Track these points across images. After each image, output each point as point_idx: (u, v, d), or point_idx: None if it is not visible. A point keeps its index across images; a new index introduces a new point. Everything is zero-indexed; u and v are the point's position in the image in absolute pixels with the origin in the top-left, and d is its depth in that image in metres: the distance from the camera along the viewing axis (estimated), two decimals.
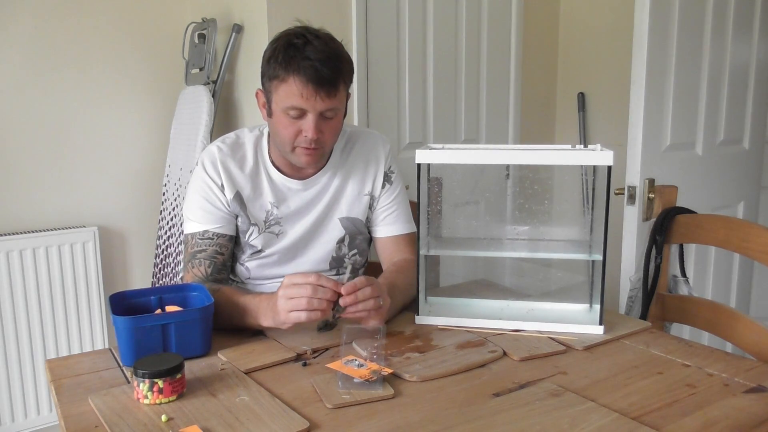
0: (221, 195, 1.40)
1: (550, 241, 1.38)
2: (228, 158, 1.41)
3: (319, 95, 1.26)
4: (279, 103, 1.30)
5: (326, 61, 1.25)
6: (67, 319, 2.29)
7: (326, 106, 1.28)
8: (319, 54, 1.24)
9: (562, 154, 1.23)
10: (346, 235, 1.48)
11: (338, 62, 1.28)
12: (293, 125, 1.30)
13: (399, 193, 1.52)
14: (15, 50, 2.21)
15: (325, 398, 0.96)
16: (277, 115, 1.31)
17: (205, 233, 1.39)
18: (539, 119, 2.92)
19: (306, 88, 1.25)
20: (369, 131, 1.55)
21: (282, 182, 1.43)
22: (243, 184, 1.41)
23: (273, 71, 1.28)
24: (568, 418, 0.90)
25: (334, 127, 1.34)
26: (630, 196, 1.92)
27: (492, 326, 1.25)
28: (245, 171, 1.42)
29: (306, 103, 1.26)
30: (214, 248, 1.40)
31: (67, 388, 1.02)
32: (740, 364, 1.09)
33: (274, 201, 1.43)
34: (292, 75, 1.25)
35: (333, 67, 1.26)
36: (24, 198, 2.27)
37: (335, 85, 1.27)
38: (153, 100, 2.46)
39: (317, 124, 1.29)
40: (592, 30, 2.80)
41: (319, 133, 1.30)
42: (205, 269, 1.38)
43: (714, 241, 1.48)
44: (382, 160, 1.50)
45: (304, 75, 1.24)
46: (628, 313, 1.65)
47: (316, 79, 1.24)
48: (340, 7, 2.13)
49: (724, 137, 2.21)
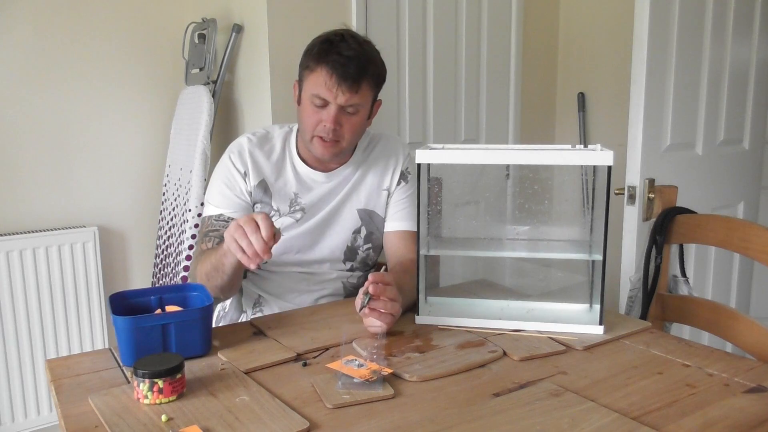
0: (242, 182, 1.47)
1: (550, 241, 1.38)
2: (256, 148, 1.49)
3: (341, 88, 1.35)
4: (307, 90, 1.40)
5: (354, 59, 1.35)
6: (67, 319, 2.29)
7: (347, 100, 1.36)
8: (350, 51, 1.35)
9: (562, 154, 1.23)
10: (363, 227, 1.53)
11: (366, 62, 1.37)
12: (316, 114, 1.39)
13: (413, 193, 1.56)
14: (15, 50, 2.21)
15: (325, 398, 0.96)
16: (304, 102, 1.41)
17: (220, 216, 1.47)
18: (539, 119, 2.92)
19: (330, 79, 1.34)
20: (392, 135, 1.66)
21: (306, 173, 1.50)
22: (268, 172, 1.49)
23: (306, 62, 1.40)
24: (568, 418, 0.90)
25: (355, 123, 1.41)
26: (630, 196, 1.92)
27: (492, 326, 1.25)
28: (272, 160, 1.50)
29: (328, 93, 1.35)
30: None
31: (67, 388, 1.02)
32: (740, 364, 1.09)
33: (297, 190, 1.50)
34: (321, 66, 1.35)
35: (359, 66, 1.35)
36: (24, 198, 2.27)
37: (358, 82, 1.36)
38: (153, 100, 2.46)
39: (336, 116, 1.37)
40: (592, 30, 2.80)
41: (338, 125, 1.38)
42: (213, 245, 1.42)
43: (714, 241, 1.48)
44: (401, 159, 1.58)
45: (331, 67, 1.34)
46: (628, 313, 1.65)
47: (340, 73, 1.34)
48: (340, 7, 2.13)
49: (724, 137, 2.21)
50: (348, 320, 1.31)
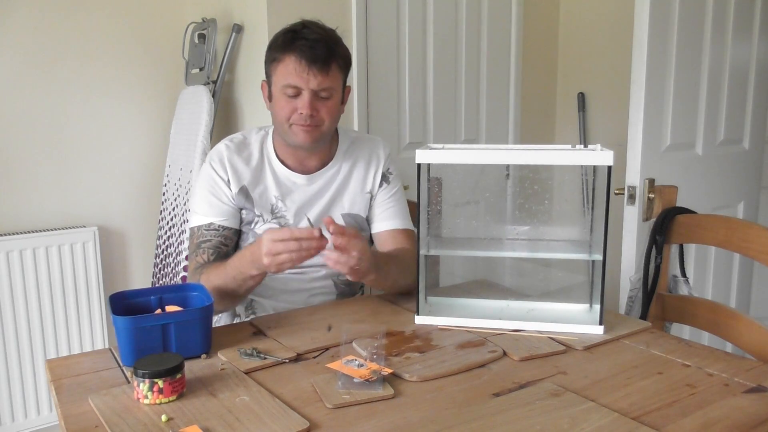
0: (227, 189, 1.45)
1: (550, 241, 1.38)
2: (234, 155, 1.47)
3: (311, 71, 1.33)
4: (277, 83, 1.38)
5: (320, 41, 1.34)
6: (67, 319, 2.29)
7: (319, 84, 1.35)
8: (314, 35, 1.34)
9: (562, 154, 1.23)
10: None
11: (332, 44, 1.36)
12: (290, 104, 1.37)
13: (396, 192, 1.57)
14: (15, 49, 2.21)
15: (325, 398, 0.96)
16: (276, 96, 1.39)
17: (210, 225, 1.45)
18: (539, 119, 2.92)
19: (299, 65, 1.33)
20: (372, 136, 1.64)
21: (286, 176, 1.48)
22: (248, 178, 1.47)
23: (272, 54, 1.39)
24: (568, 418, 0.90)
25: (330, 107, 1.40)
26: (630, 196, 1.91)
27: (492, 326, 1.25)
28: (251, 166, 1.48)
29: (300, 80, 1.34)
30: (218, 239, 1.44)
31: (67, 388, 1.02)
32: (740, 364, 1.09)
33: (278, 194, 1.48)
34: (287, 54, 1.35)
35: (326, 47, 1.34)
36: (24, 198, 2.27)
37: (328, 63, 1.35)
38: (153, 100, 2.46)
39: (312, 102, 1.36)
40: (592, 30, 2.80)
41: (314, 111, 1.37)
42: (208, 257, 1.43)
43: (714, 241, 1.48)
44: (382, 160, 1.56)
45: (299, 53, 1.33)
46: (628, 313, 1.65)
47: (309, 57, 1.33)
48: (340, 7, 2.13)
49: (724, 137, 2.21)
50: (348, 320, 1.31)
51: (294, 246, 1.19)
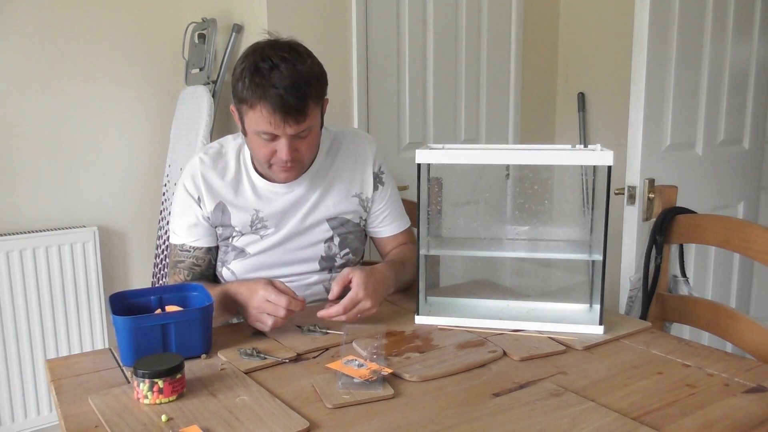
0: (198, 209, 1.42)
1: (550, 241, 1.38)
2: (209, 169, 1.42)
3: (287, 122, 1.24)
4: (250, 126, 1.29)
5: (292, 88, 1.22)
6: (67, 319, 2.29)
7: (297, 130, 1.27)
8: (285, 81, 1.22)
9: (562, 154, 1.23)
10: (335, 236, 1.48)
11: (305, 87, 1.24)
12: (267, 146, 1.30)
13: (392, 193, 1.54)
14: (15, 50, 2.21)
15: (325, 398, 0.96)
16: (251, 136, 1.31)
17: (183, 246, 1.45)
18: (539, 119, 2.92)
19: (273, 117, 1.23)
20: (355, 131, 1.55)
21: (265, 187, 1.43)
22: (224, 193, 1.42)
23: (241, 94, 1.26)
24: (568, 418, 0.90)
25: (310, 143, 1.33)
26: (630, 196, 1.91)
27: (492, 326, 1.25)
28: (226, 179, 1.42)
29: (276, 129, 1.26)
30: (191, 260, 1.45)
31: (67, 388, 1.02)
32: (740, 364, 1.09)
33: (258, 206, 1.43)
34: (259, 103, 1.23)
35: (299, 94, 1.23)
36: (24, 198, 2.27)
37: (303, 111, 1.25)
38: (153, 100, 2.46)
39: (290, 146, 1.28)
40: (592, 30, 2.80)
41: (294, 152, 1.30)
42: (184, 278, 1.44)
43: (714, 241, 1.48)
44: (370, 160, 1.49)
45: (270, 104, 1.22)
46: (628, 313, 1.65)
47: (282, 108, 1.22)
48: (340, 7, 2.13)
49: (724, 137, 2.21)
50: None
51: (282, 313, 1.19)
